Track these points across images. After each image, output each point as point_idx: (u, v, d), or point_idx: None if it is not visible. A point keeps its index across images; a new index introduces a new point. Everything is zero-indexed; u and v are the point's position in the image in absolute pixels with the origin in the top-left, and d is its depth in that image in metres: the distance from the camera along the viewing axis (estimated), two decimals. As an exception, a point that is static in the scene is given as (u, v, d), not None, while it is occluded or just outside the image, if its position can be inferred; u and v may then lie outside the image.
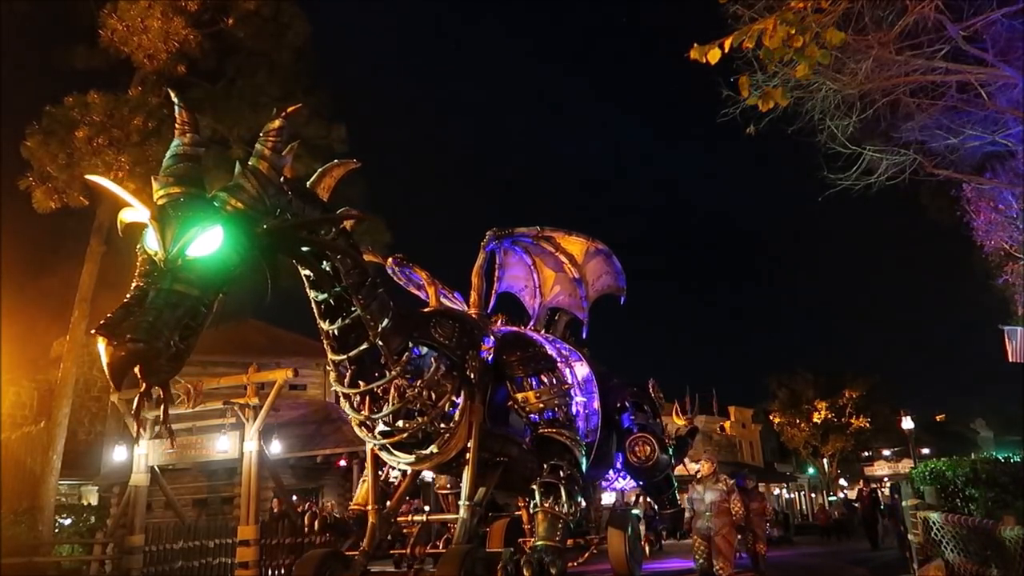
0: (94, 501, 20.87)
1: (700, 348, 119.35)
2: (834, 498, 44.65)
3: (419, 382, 7.22)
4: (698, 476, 9.05)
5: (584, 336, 11.90)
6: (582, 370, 11.14)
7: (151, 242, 4.43)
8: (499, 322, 10.35)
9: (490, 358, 8.33)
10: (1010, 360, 15.65)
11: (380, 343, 6.77)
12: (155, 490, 17.76)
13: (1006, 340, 15.75)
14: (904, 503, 12.60)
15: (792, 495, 45.05)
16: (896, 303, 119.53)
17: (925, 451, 40.56)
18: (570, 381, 10.00)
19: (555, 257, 11.04)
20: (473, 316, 8.99)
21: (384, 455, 7.90)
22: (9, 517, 15.29)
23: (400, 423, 7.34)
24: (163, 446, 17.11)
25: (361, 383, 7.09)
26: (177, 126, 4.89)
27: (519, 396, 8.56)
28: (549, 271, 11.27)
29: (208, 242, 4.44)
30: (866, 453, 48.30)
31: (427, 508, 15.10)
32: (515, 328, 10.32)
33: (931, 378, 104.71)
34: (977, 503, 11.85)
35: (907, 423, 28.54)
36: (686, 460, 14.68)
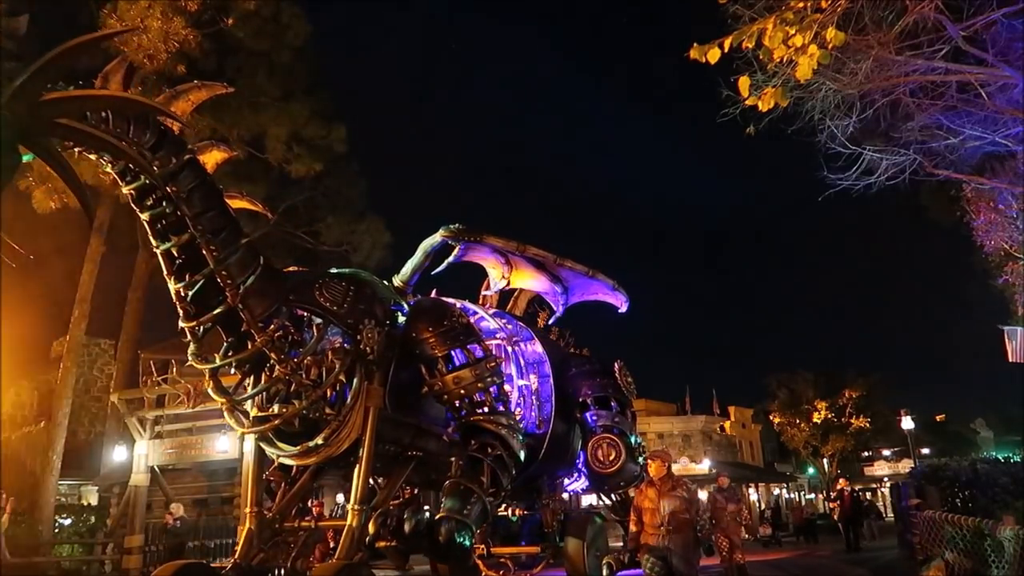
0: (94, 501, 20.87)
1: (700, 348, 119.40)
2: (811, 496, 44.76)
3: (297, 356, 6.05)
4: (646, 478, 7.11)
5: (551, 322, 10.75)
6: (533, 351, 9.86)
7: None
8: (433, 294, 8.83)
9: (397, 330, 6.97)
10: (1010, 360, 15.66)
11: (240, 306, 5.68)
12: (155, 490, 17.75)
13: (1006, 340, 15.76)
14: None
15: (792, 495, 45.06)
16: (896, 303, 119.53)
17: (925, 451, 40.57)
18: (500, 356, 8.54)
19: (535, 271, 9.63)
20: (381, 281, 7.50)
21: (265, 447, 6.67)
22: (9, 517, 15.27)
23: (275, 407, 6.20)
24: (163, 446, 17.12)
25: (217, 357, 6.03)
26: None
27: (433, 378, 6.99)
28: (525, 272, 9.75)
29: None
30: (866, 453, 48.31)
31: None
32: (438, 298, 8.64)
33: (931, 378, 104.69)
34: (977, 503, 11.86)
35: (907, 423, 28.56)
36: (686, 459, 14.20)
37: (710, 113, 11.95)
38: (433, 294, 8.88)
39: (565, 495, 11.74)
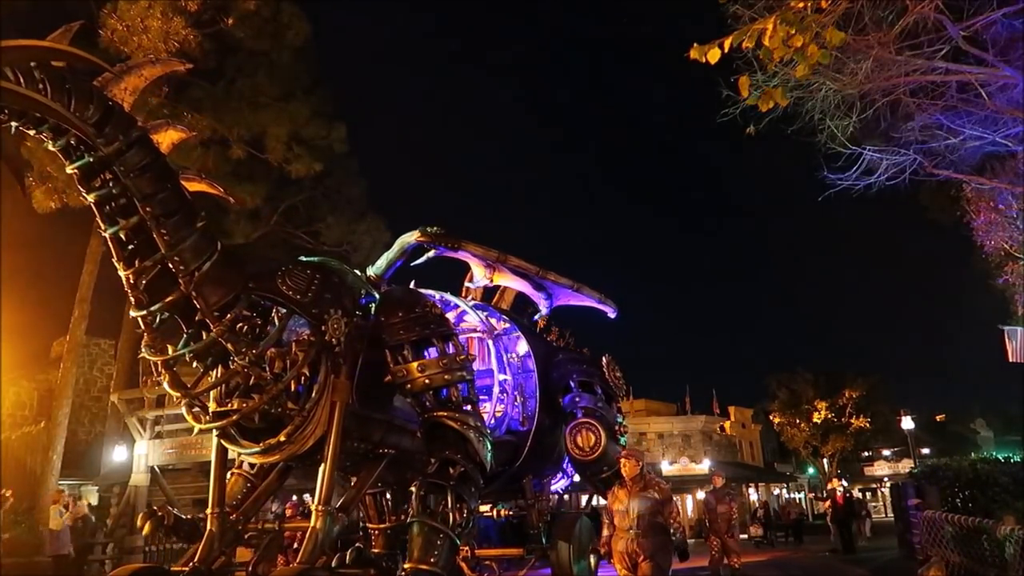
0: (94, 501, 20.88)
1: (700, 348, 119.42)
2: (797, 496, 44.76)
3: (256, 348, 5.72)
4: (619, 479, 6.67)
5: (536, 319, 10.36)
6: (516, 345, 9.51)
7: None
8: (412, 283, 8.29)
9: (367, 322, 6.62)
10: (1010, 360, 15.67)
11: (194, 293, 5.40)
12: (155, 490, 17.76)
13: (1006, 340, 15.78)
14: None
15: (792, 495, 45.09)
16: (896, 303, 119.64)
17: (925, 451, 40.59)
18: (473, 354, 8.23)
19: (517, 277, 9.25)
20: (352, 271, 7.19)
21: (227, 444, 6.32)
22: (9, 517, 15.28)
23: (234, 402, 5.88)
24: (163, 446, 17.13)
25: (170, 348, 5.70)
26: None
27: (397, 365, 6.61)
28: (508, 276, 9.38)
29: None
30: (866, 453, 48.34)
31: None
32: (411, 288, 8.13)
33: (931, 378, 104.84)
34: (977, 503, 11.88)
35: (907, 423, 28.55)
36: (686, 459, 13.95)
37: (714, 111, 11.91)
38: (411, 286, 8.37)
39: (565, 495, 11.54)
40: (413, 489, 6.43)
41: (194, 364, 5.88)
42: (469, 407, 6.85)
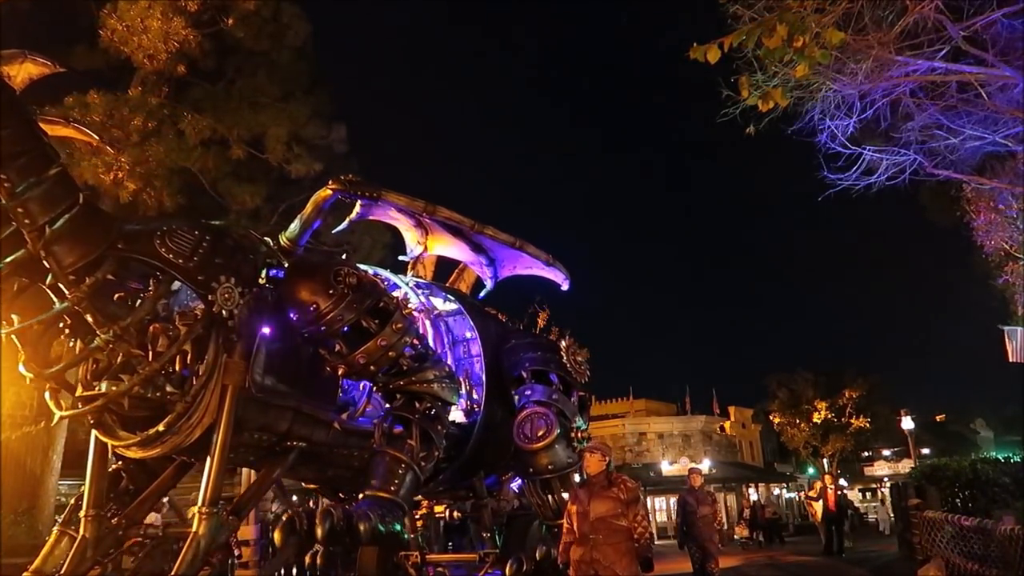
0: (94, 501, 20.84)
1: (700, 348, 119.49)
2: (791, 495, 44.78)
3: (123, 321, 4.92)
4: (584, 478, 5.89)
5: (481, 297, 9.35)
6: (461, 327, 8.63)
7: None
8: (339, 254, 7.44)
9: (271, 293, 5.82)
10: (1010, 360, 15.67)
11: (43, 252, 4.58)
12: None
13: (1006, 340, 15.78)
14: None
15: (792, 495, 45.11)
16: (896, 303, 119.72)
17: (925, 451, 40.59)
18: (407, 302, 7.52)
19: (452, 237, 8.27)
20: (262, 238, 6.38)
21: (101, 435, 5.50)
22: (9, 517, 15.28)
23: (102, 385, 5.05)
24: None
25: (15, 318, 4.95)
26: None
27: (334, 360, 5.95)
28: (442, 238, 8.36)
29: None
30: (866, 453, 48.34)
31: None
32: (323, 254, 7.42)
33: (931, 378, 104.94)
34: (977, 503, 11.89)
35: (907, 423, 28.54)
36: (686, 459, 13.53)
37: (712, 110, 11.91)
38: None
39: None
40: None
41: (73, 343, 5.16)
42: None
